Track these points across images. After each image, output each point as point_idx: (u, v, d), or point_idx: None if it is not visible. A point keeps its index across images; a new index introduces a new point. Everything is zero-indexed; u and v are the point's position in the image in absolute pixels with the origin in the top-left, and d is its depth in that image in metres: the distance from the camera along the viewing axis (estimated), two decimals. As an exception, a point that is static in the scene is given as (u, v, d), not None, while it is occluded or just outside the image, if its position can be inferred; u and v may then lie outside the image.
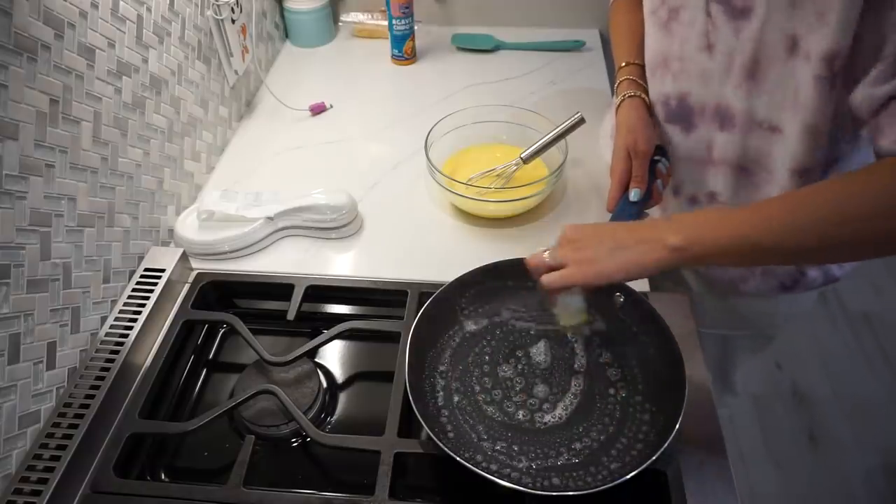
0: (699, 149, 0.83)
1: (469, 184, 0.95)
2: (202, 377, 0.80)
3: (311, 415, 0.72)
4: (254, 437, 0.69)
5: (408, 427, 0.70)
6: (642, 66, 0.87)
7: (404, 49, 1.31)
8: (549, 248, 0.66)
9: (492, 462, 0.65)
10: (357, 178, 1.04)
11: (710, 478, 0.64)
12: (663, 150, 0.85)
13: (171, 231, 0.92)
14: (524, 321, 0.78)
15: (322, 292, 0.85)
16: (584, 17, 1.39)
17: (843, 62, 0.64)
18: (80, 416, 0.68)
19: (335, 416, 0.75)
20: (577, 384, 0.72)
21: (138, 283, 0.82)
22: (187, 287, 0.85)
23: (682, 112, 0.82)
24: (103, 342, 0.75)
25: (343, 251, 0.92)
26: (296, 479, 0.69)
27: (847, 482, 1.63)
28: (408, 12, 1.26)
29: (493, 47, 1.36)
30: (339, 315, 0.87)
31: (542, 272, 0.65)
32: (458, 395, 0.71)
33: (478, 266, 0.76)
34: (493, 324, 0.78)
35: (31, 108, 0.65)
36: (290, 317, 0.80)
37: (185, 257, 0.87)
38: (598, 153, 1.06)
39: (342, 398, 0.77)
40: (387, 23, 1.28)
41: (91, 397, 0.70)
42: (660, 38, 0.81)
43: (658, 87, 0.84)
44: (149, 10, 0.85)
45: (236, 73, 1.12)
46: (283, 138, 1.14)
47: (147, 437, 0.71)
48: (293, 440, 0.73)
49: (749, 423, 1.76)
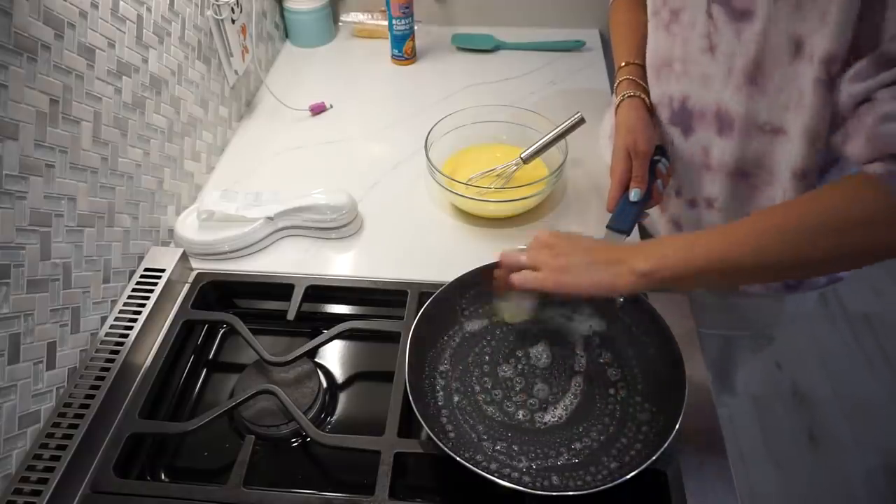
0: (697, 152, 0.83)
1: (469, 184, 0.95)
2: (202, 377, 0.80)
3: (311, 415, 0.72)
4: (254, 437, 0.69)
5: (408, 427, 0.70)
6: (642, 65, 0.87)
7: (404, 49, 1.31)
8: (524, 249, 0.67)
9: (492, 462, 0.65)
10: (357, 178, 1.04)
11: (710, 478, 0.64)
12: (663, 150, 0.85)
13: (171, 231, 0.92)
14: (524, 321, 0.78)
15: (322, 292, 0.85)
16: (585, 17, 1.39)
17: (841, 66, 0.63)
18: (80, 416, 0.68)
19: (335, 416, 0.75)
20: (577, 384, 0.72)
21: (138, 283, 0.82)
22: (187, 287, 0.85)
23: (682, 114, 0.82)
24: (103, 342, 0.75)
25: (343, 251, 0.92)
26: (296, 479, 0.69)
27: (847, 482, 1.63)
28: (408, 12, 1.26)
29: (493, 47, 1.36)
30: (339, 315, 0.87)
31: (515, 269, 0.66)
32: (458, 395, 0.71)
33: (478, 266, 0.76)
34: (493, 324, 0.78)
35: (31, 108, 0.65)
36: (290, 317, 0.80)
37: (185, 257, 0.87)
38: (598, 153, 1.06)
39: (342, 398, 0.77)
40: (387, 23, 1.28)
41: (91, 397, 0.70)
42: (662, 40, 0.80)
43: (663, 87, 0.83)
44: (149, 10, 0.85)
45: (236, 73, 1.12)
46: (283, 138, 1.14)
47: (147, 437, 0.71)
48: (293, 440, 0.73)
49: (749, 423, 1.76)
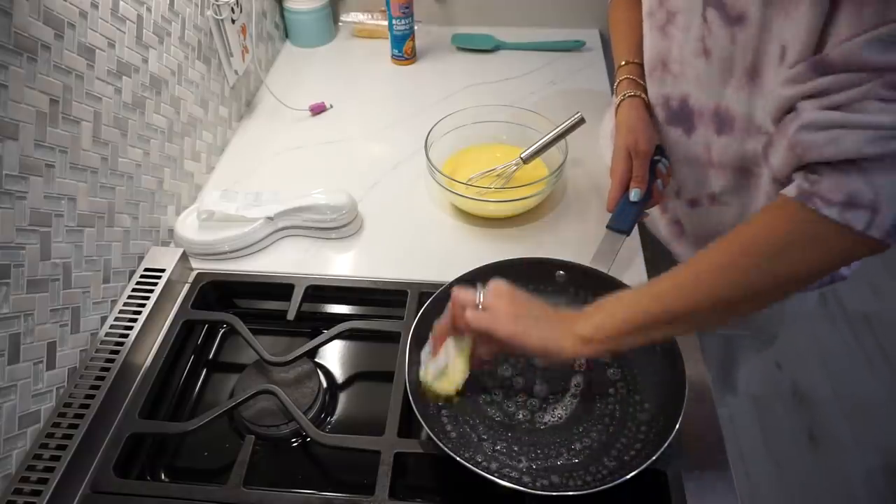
0: (700, 150, 0.83)
1: (469, 184, 0.95)
2: (202, 377, 0.80)
3: (311, 415, 0.72)
4: (254, 437, 0.69)
5: (408, 427, 0.70)
6: (642, 64, 0.87)
7: (404, 49, 1.31)
8: (479, 291, 0.65)
9: (492, 462, 0.65)
10: (357, 178, 1.04)
11: (710, 478, 0.64)
12: (663, 150, 0.85)
13: (171, 231, 0.92)
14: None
15: (322, 292, 0.85)
16: (584, 17, 1.39)
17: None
18: (80, 416, 0.68)
19: (335, 416, 0.75)
20: (577, 384, 0.72)
21: (138, 283, 0.82)
22: (187, 287, 0.85)
23: (683, 113, 0.81)
24: (103, 342, 0.75)
25: (343, 251, 0.92)
26: (296, 479, 0.69)
27: (847, 482, 1.63)
28: (408, 12, 1.26)
29: (493, 47, 1.36)
30: (339, 315, 0.87)
31: (469, 307, 0.64)
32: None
33: (478, 266, 0.76)
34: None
35: (31, 108, 0.65)
36: (290, 317, 0.80)
37: (185, 257, 0.87)
38: (598, 153, 1.06)
39: (342, 398, 0.77)
40: (387, 23, 1.28)
41: (91, 397, 0.70)
42: (658, 41, 0.80)
43: (658, 88, 0.83)
44: (149, 10, 0.85)
45: (236, 73, 1.12)
46: (283, 138, 1.14)
47: (147, 437, 0.71)
48: (293, 440, 0.73)
49: (749, 423, 1.76)
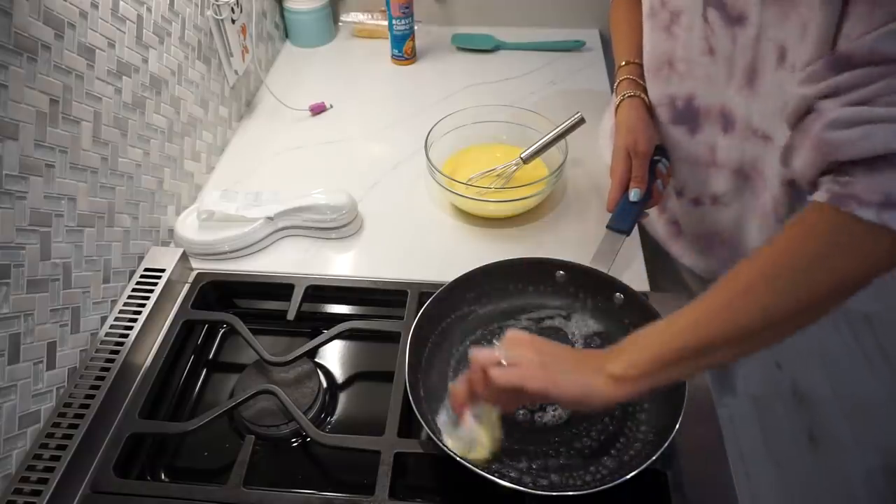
0: (703, 151, 0.82)
1: (469, 184, 0.95)
2: (202, 377, 0.80)
3: (311, 415, 0.72)
4: (254, 437, 0.69)
5: (408, 427, 0.70)
6: (642, 64, 0.87)
7: (404, 49, 1.31)
8: (498, 348, 0.60)
9: (492, 462, 0.65)
10: (357, 178, 1.04)
11: (710, 478, 0.64)
12: (663, 150, 0.85)
13: (171, 231, 0.92)
14: (524, 321, 0.78)
15: (322, 292, 0.85)
16: (585, 17, 1.39)
17: None
18: (80, 416, 0.68)
19: (335, 416, 0.75)
20: (577, 384, 0.72)
21: (138, 283, 0.82)
22: (187, 287, 0.85)
23: (688, 113, 0.81)
24: (103, 342, 0.75)
25: (343, 251, 0.92)
26: (296, 479, 0.69)
27: (847, 482, 1.63)
28: (408, 12, 1.26)
29: (493, 47, 1.36)
30: (339, 315, 0.87)
31: (492, 366, 0.57)
32: (458, 395, 0.71)
33: (478, 266, 0.76)
34: (493, 324, 0.78)
35: (31, 108, 0.65)
36: (290, 317, 0.80)
37: (185, 257, 0.87)
38: (597, 153, 1.06)
39: (342, 398, 0.77)
40: (387, 23, 1.28)
41: (91, 397, 0.70)
42: (663, 41, 0.80)
43: (663, 87, 0.83)
44: (149, 10, 0.85)
45: (236, 73, 1.12)
46: (283, 138, 1.14)
47: (147, 437, 0.71)
48: (293, 440, 0.73)
49: (749, 423, 1.76)
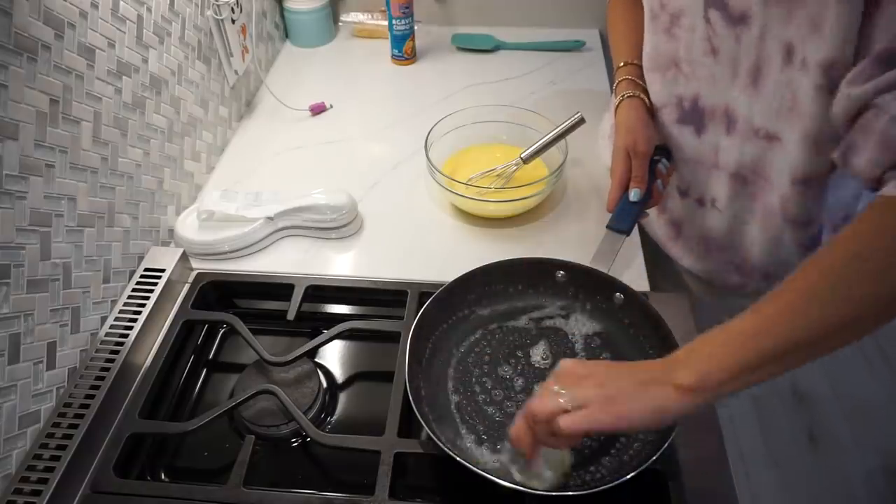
0: (708, 152, 0.82)
1: (469, 184, 0.95)
2: (202, 377, 0.80)
3: (311, 415, 0.72)
4: (254, 437, 0.69)
5: (408, 427, 0.70)
6: (641, 65, 0.87)
7: (404, 49, 1.31)
8: (549, 388, 0.54)
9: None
10: (357, 178, 1.04)
11: (710, 478, 0.64)
12: (663, 150, 0.85)
13: (171, 231, 0.92)
14: (524, 321, 0.78)
15: (322, 292, 0.85)
16: (584, 17, 1.39)
17: (842, 71, 0.62)
18: (80, 416, 0.68)
19: (335, 416, 0.75)
20: (577, 384, 0.72)
21: (138, 283, 0.82)
22: (187, 287, 0.85)
23: (695, 114, 0.81)
24: (103, 342, 0.75)
25: (343, 251, 0.92)
26: (296, 479, 0.69)
27: (847, 482, 1.63)
28: (408, 12, 1.26)
29: (493, 47, 1.36)
30: (339, 315, 0.87)
31: (558, 415, 0.52)
32: (458, 396, 0.71)
33: (478, 266, 0.76)
34: (493, 324, 0.78)
35: (31, 108, 0.65)
36: (290, 317, 0.80)
37: (185, 257, 0.87)
38: (597, 153, 1.06)
39: (342, 398, 0.77)
40: (387, 23, 1.28)
41: (91, 397, 0.70)
42: (665, 42, 0.80)
43: (670, 88, 0.83)
44: (149, 10, 0.85)
45: (236, 73, 1.12)
46: (283, 138, 1.14)
47: (147, 437, 0.71)
48: (293, 440, 0.73)
49: (749, 423, 1.76)
